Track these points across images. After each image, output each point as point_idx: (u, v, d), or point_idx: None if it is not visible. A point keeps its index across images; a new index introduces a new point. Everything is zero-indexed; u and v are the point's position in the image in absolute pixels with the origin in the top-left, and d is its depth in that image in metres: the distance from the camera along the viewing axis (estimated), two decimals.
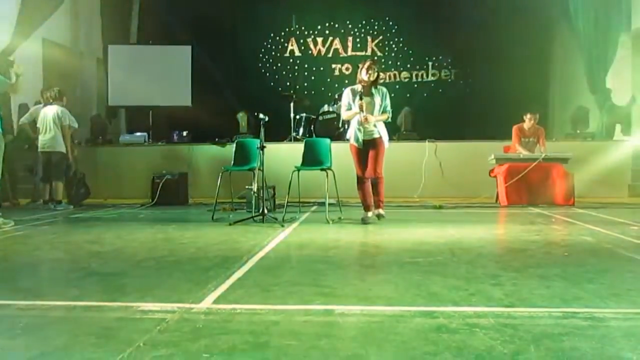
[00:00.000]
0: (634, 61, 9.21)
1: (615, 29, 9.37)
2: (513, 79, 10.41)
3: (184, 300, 2.71)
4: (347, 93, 5.83)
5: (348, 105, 5.79)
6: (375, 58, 10.61)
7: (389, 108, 5.78)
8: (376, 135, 5.71)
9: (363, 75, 5.68)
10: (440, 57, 11.88)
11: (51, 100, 7.59)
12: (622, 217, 5.99)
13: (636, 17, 9.18)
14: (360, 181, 5.77)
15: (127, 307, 2.65)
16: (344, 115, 5.98)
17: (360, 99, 5.62)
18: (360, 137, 5.70)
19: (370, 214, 5.77)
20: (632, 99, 9.09)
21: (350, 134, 5.84)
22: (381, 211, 5.82)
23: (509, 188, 7.37)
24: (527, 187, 7.34)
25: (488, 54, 10.85)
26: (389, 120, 5.84)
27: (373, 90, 5.72)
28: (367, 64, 5.71)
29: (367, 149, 5.72)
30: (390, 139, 5.93)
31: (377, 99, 5.70)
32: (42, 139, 7.53)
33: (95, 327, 2.38)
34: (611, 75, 9.43)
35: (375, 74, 5.69)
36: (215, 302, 2.73)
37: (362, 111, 5.59)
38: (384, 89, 5.84)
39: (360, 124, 5.66)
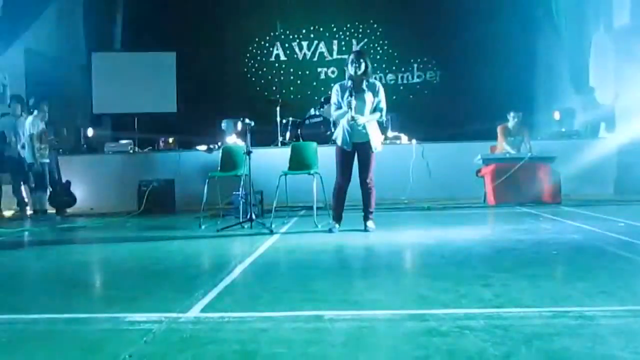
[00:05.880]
0: (616, 59, 9.29)
1: (595, 28, 9.48)
2: (498, 79, 10.46)
3: (171, 310, 2.67)
4: (335, 90, 5.31)
5: (337, 104, 5.27)
6: (360, 49, 10.60)
7: (381, 105, 5.20)
8: (367, 138, 5.19)
9: (349, 69, 5.16)
10: (425, 59, 11.91)
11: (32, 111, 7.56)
12: (608, 214, 6.02)
13: (618, 15, 9.27)
14: (339, 188, 5.31)
15: (112, 318, 2.60)
16: (333, 114, 5.40)
17: (351, 95, 5.09)
18: (349, 139, 5.20)
19: (338, 226, 5.36)
20: (615, 96, 9.17)
21: (338, 134, 5.29)
22: (370, 224, 5.32)
23: (497, 188, 7.39)
24: (515, 187, 7.36)
25: (473, 55, 10.90)
26: (383, 119, 5.33)
27: (364, 85, 5.17)
28: (352, 56, 5.19)
29: (356, 153, 5.25)
30: None
31: (369, 96, 5.15)
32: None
33: (80, 340, 2.33)
34: (594, 74, 9.50)
35: (363, 66, 5.11)
36: (203, 310, 2.69)
37: (351, 109, 5.06)
38: (377, 83, 5.29)
39: (350, 124, 5.16)
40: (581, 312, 2.47)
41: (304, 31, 12.15)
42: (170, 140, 9.59)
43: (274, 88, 11.81)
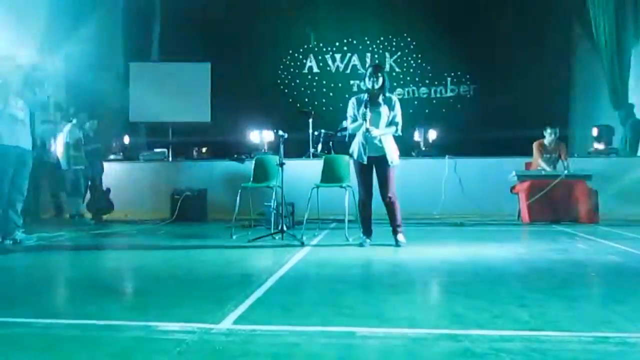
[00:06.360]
0: None
1: (635, 42, 9.28)
2: (533, 94, 10.32)
3: (204, 320, 2.67)
4: (351, 103, 5.30)
5: (353, 117, 5.26)
6: (378, 63, 10.57)
7: (397, 119, 5.17)
8: (382, 152, 5.16)
9: (366, 82, 5.19)
10: (459, 73, 11.84)
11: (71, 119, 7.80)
12: None
13: None
14: (362, 203, 5.33)
15: (145, 326, 2.62)
16: (350, 127, 5.37)
17: (366, 107, 5.11)
18: (364, 152, 5.19)
19: (369, 240, 5.35)
20: None
21: (354, 148, 5.29)
22: (400, 238, 5.25)
23: (531, 205, 7.25)
24: (550, 205, 7.21)
25: (507, 69, 10.79)
26: (398, 133, 5.26)
27: (380, 99, 5.18)
28: (370, 70, 5.21)
29: (373, 167, 5.22)
30: (409, 155, 5.67)
31: (385, 110, 5.16)
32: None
33: (112, 347, 2.35)
34: (634, 90, 9.28)
35: (380, 80, 5.13)
36: (236, 322, 2.69)
37: (366, 121, 5.07)
38: (394, 98, 5.28)
39: (365, 138, 5.17)
40: (623, 338, 2.39)
41: (337, 44, 12.24)
42: (204, 149, 9.71)
43: (307, 100, 11.89)
